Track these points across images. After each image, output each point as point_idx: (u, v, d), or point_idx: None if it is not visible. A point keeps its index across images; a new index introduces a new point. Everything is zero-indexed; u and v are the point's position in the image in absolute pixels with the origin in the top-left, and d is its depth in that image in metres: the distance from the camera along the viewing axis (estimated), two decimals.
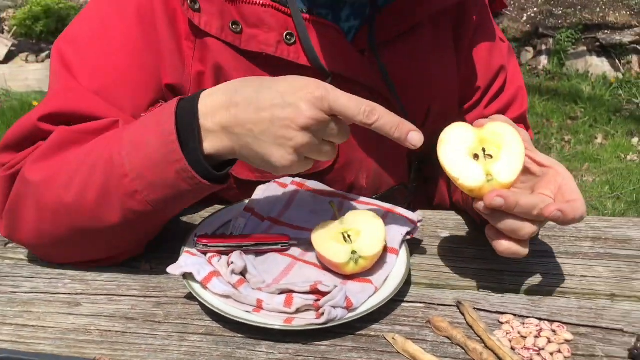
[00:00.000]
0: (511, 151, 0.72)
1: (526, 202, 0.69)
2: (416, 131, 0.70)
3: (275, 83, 0.69)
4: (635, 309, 0.74)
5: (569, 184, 0.73)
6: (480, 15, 0.99)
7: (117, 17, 0.84)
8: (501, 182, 0.70)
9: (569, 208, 0.69)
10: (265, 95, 0.68)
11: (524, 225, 0.70)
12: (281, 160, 0.68)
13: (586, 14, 4.59)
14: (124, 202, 0.72)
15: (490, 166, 0.71)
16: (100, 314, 0.75)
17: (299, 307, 0.69)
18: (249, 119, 0.68)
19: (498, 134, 0.73)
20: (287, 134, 0.67)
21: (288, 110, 0.67)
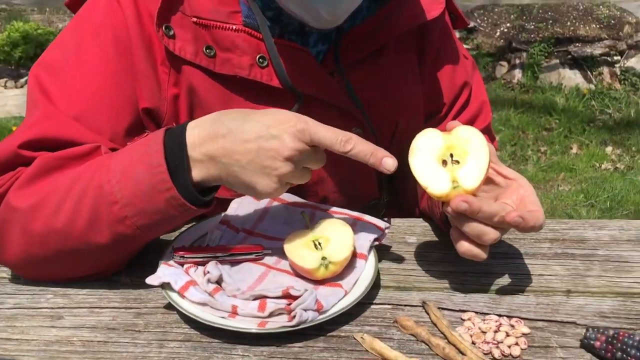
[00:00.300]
0: (476, 157, 0.76)
1: (489, 209, 0.74)
2: (390, 157, 0.77)
3: (260, 116, 0.75)
4: (588, 303, 0.79)
5: (530, 195, 0.78)
6: (442, 35, 1.04)
7: (93, 42, 0.87)
8: (466, 189, 0.75)
9: (529, 216, 0.74)
10: (251, 127, 0.74)
11: (487, 231, 0.75)
12: (266, 187, 0.75)
13: (557, 27, 4.71)
14: (114, 227, 0.77)
15: (456, 172, 0.76)
16: (83, 326, 0.78)
17: (272, 311, 0.73)
18: (235, 149, 0.74)
19: (465, 139, 0.77)
20: (273, 164, 0.73)
21: (273, 142, 0.73)
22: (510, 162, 3.66)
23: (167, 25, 0.84)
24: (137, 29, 0.87)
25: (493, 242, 0.76)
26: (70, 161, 0.81)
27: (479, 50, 4.74)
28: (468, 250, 0.77)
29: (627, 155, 3.67)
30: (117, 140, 0.87)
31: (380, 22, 0.93)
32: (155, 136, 0.76)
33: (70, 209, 0.77)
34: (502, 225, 0.75)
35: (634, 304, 0.78)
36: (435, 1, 0.95)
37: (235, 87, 0.90)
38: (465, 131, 0.78)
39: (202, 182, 0.76)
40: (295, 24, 0.91)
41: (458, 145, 0.77)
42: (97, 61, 0.87)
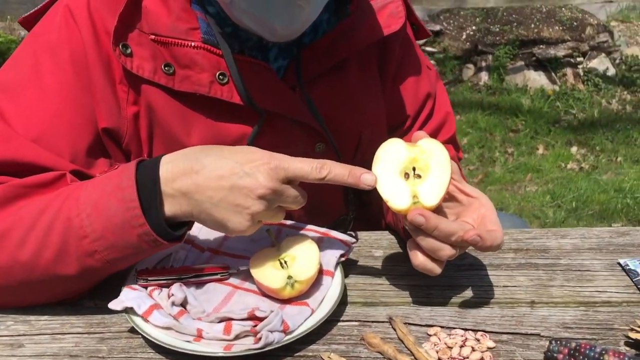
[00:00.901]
0: (438, 173, 0.77)
1: (446, 227, 0.75)
2: (368, 173, 0.77)
3: (233, 154, 0.74)
4: (552, 314, 0.80)
5: (491, 215, 0.79)
6: (404, 48, 1.05)
7: (50, 62, 0.85)
8: (425, 205, 0.76)
9: (487, 235, 0.75)
10: (225, 164, 0.73)
11: (442, 247, 0.75)
12: (238, 225, 0.74)
13: (522, 30, 4.79)
14: (83, 261, 0.75)
15: (417, 187, 0.77)
16: (44, 354, 0.76)
17: (237, 333, 0.73)
18: (208, 186, 0.73)
19: (429, 152, 0.78)
20: (245, 202, 0.73)
21: (247, 181, 0.72)
22: (479, 164, 3.71)
23: (124, 44, 0.83)
24: (94, 47, 0.85)
25: (449, 258, 0.77)
26: (35, 189, 0.78)
27: (445, 53, 4.79)
28: (422, 264, 0.77)
29: (592, 154, 3.74)
30: (78, 161, 0.85)
31: (340, 36, 0.93)
32: (127, 170, 0.74)
33: (37, 241, 0.75)
34: (459, 244, 0.76)
35: (596, 313, 0.80)
36: (395, 15, 0.96)
37: (195, 105, 0.89)
38: (430, 144, 0.79)
39: (174, 217, 0.75)
40: (255, 39, 0.90)
41: (421, 158, 0.78)
42: (54, 81, 0.85)
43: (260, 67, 0.89)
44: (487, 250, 0.76)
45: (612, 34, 4.94)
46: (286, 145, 0.92)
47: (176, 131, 0.89)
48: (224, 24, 0.87)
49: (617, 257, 0.91)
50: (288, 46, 0.93)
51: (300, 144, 0.94)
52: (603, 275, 0.87)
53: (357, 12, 0.93)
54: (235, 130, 0.90)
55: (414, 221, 0.74)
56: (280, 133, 0.92)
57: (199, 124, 0.89)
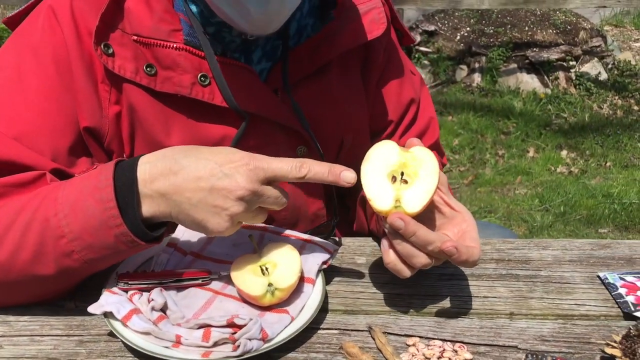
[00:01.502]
0: (425, 182, 0.77)
1: (424, 235, 0.75)
2: (347, 170, 0.77)
3: (212, 154, 0.74)
4: (530, 326, 0.80)
5: (471, 231, 0.80)
6: (388, 53, 1.05)
7: (33, 62, 0.85)
8: (406, 211, 0.76)
9: (464, 249, 0.76)
10: (204, 165, 0.73)
11: (418, 254, 0.76)
12: (217, 226, 0.74)
13: (516, 32, 4.80)
14: (60, 261, 0.75)
15: (402, 192, 0.77)
16: (22, 356, 0.76)
17: (216, 340, 0.73)
18: (187, 187, 0.72)
19: (420, 160, 0.78)
20: (224, 203, 0.72)
21: (225, 182, 0.72)
22: (469, 165, 3.72)
23: (106, 44, 0.83)
24: (76, 47, 0.85)
25: (422, 267, 0.77)
26: (13, 189, 0.78)
27: (439, 53, 4.80)
28: (392, 263, 0.78)
29: (581, 159, 3.77)
30: (60, 160, 0.85)
31: (324, 39, 0.94)
32: (105, 170, 0.74)
33: (14, 241, 0.75)
34: (436, 255, 0.76)
35: (574, 326, 0.80)
36: (378, 21, 0.96)
37: (176, 106, 0.89)
38: (422, 152, 0.79)
39: (151, 218, 0.75)
40: (238, 41, 0.90)
41: (411, 164, 0.78)
42: (37, 80, 0.85)
43: (243, 69, 0.89)
44: (462, 265, 0.77)
45: (606, 38, 4.96)
46: (268, 148, 0.92)
47: (156, 131, 0.89)
48: (207, 23, 0.87)
49: (598, 269, 0.92)
50: (272, 49, 0.93)
51: (282, 147, 0.94)
52: (582, 288, 0.88)
53: (340, 16, 0.94)
54: (216, 132, 0.90)
55: (393, 224, 0.75)
56: (262, 136, 0.92)
57: (180, 125, 0.89)
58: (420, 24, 4.97)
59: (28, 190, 0.78)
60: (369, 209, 1.02)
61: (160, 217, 0.75)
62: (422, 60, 4.80)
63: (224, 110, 0.89)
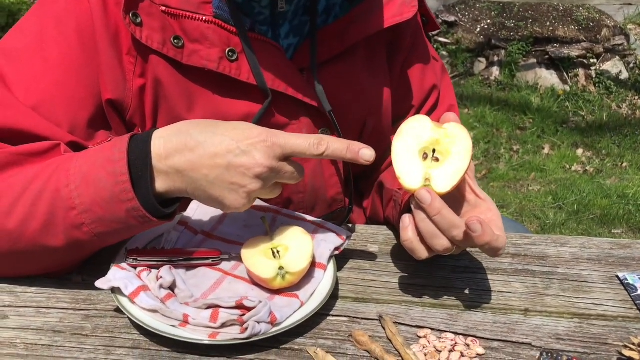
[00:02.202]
0: (456, 161, 0.75)
1: (449, 216, 0.73)
2: (366, 148, 0.75)
3: (229, 130, 0.73)
4: (545, 323, 0.78)
5: (497, 220, 0.77)
6: (414, 37, 1.03)
7: (55, 31, 0.84)
8: (435, 191, 0.74)
9: (489, 230, 0.73)
10: (220, 141, 0.71)
11: (440, 236, 0.74)
12: (234, 203, 0.73)
13: (537, 27, 4.73)
14: (70, 233, 0.74)
15: (432, 170, 0.75)
16: (28, 327, 0.75)
17: (224, 322, 0.71)
18: (204, 164, 0.71)
19: (453, 137, 0.76)
20: (242, 180, 0.71)
21: (243, 159, 0.71)
22: (483, 159, 3.68)
23: (135, 13, 0.81)
24: (102, 18, 0.83)
25: (442, 252, 0.75)
26: (27, 158, 0.77)
27: (458, 45, 4.74)
28: (409, 240, 0.76)
29: (597, 158, 3.71)
30: (77, 132, 0.84)
31: (353, 21, 0.92)
32: (119, 143, 0.73)
33: (25, 210, 0.74)
34: (458, 242, 0.74)
35: (590, 326, 0.78)
36: (409, 4, 0.94)
37: (201, 81, 0.87)
38: (456, 129, 0.76)
39: (165, 194, 0.74)
40: (267, 14, 0.88)
41: (444, 142, 0.76)
42: (58, 51, 0.84)
43: (271, 46, 0.88)
44: (485, 249, 0.74)
45: (629, 37, 4.87)
46: (291, 127, 0.91)
47: (179, 106, 0.87)
48: None
49: (617, 270, 0.90)
50: (300, 25, 0.91)
51: (305, 127, 0.93)
52: (600, 288, 0.86)
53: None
54: (239, 108, 0.88)
55: (419, 197, 0.73)
56: (285, 115, 0.91)
57: (204, 101, 0.87)
58: (440, 14, 4.91)
59: (41, 160, 0.77)
60: (385, 195, 1.00)
61: (175, 193, 0.74)
62: (441, 51, 4.74)
63: (249, 87, 0.87)
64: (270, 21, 0.90)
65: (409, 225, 0.76)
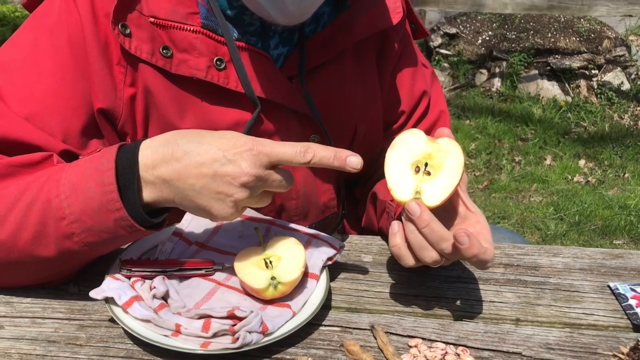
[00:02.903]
0: (447, 176, 0.76)
1: (438, 228, 0.74)
2: (354, 155, 0.76)
3: (215, 139, 0.73)
4: (536, 333, 0.79)
5: (485, 234, 0.78)
6: (403, 44, 1.04)
7: (48, 43, 0.85)
8: (425, 203, 0.75)
9: (477, 242, 0.73)
10: (206, 150, 0.72)
11: (429, 248, 0.74)
12: (221, 212, 0.74)
13: (538, 38, 4.75)
14: (61, 243, 0.75)
15: (423, 183, 0.76)
16: (22, 337, 0.76)
17: (216, 331, 0.72)
18: (190, 173, 0.72)
19: (445, 152, 0.77)
20: (228, 190, 0.72)
21: (229, 168, 0.72)
22: (485, 170, 3.68)
23: (123, 24, 0.83)
24: (92, 29, 0.85)
25: (431, 264, 0.75)
26: (20, 169, 0.78)
27: (460, 56, 4.76)
28: (397, 247, 0.77)
29: (599, 169, 3.71)
30: (70, 141, 0.85)
31: (339, 28, 0.93)
32: (108, 153, 0.74)
33: (16, 220, 0.75)
34: (447, 255, 0.75)
35: (580, 336, 0.78)
36: (394, 10, 0.96)
37: (191, 90, 0.88)
38: (449, 144, 0.78)
39: (153, 204, 0.75)
40: (257, 25, 0.90)
41: (436, 156, 0.77)
42: (51, 61, 0.85)
43: (259, 55, 0.89)
44: (473, 262, 0.75)
45: (630, 48, 4.89)
46: (281, 135, 0.92)
47: (170, 115, 0.88)
48: (229, 6, 0.87)
49: (608, 279, 0.90)
50: (288, 35, 0.93)
51: (295, 135, 0.94)
52: (592, 298, 0.86)
53: (355, 5, 0.94)
54: (230, 116, 0.90)
55: (409, 209, 0.74)
56: (275, 122, 0.92)
57: (194, 109, 0.88)
58: (441, 26, 4.94)
59: (34, 171, 0.78)
60: (379, 206, 1.00)
61: (163, 203, 0.75)
62: (442, 63, 4.76)
63: (238, 96, 0.89)
64: (260, 32, 0.91)
65: (398, 231, 0.77)
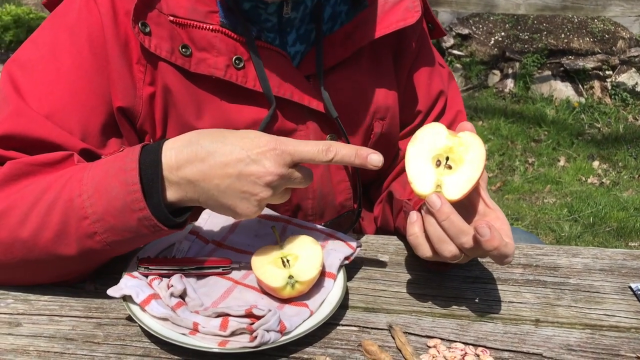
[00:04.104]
0: (469, 170, 0.75)
1: (458, 221, 0.73)
2: (375, 153, 0.76)
3: (238, 139, 0.74)
4: (556, 334, 0.78)
5: (506, 229, 0.77)
6: (420, 43, 1.04)
7: (68, 42, 0.86)
8: (446, 197, 0.74)
9: (498, 235, 0.72)
10: (231, 150, 0.73)
11: (448, 241, 0.74)
12: (246, 210, 0.74)
13: (551, 39, 4.72)
14: (82, 242, 0.75)
15: (444, 177, 0.75)
16: (40, 335, 0.76)
17: (233, 330, 0.72)
18: (215, 174, 0.72)
19: (467, 146, 0.76)
20: (253, 189, 0.73)
21: (253, 168, 0.72)
22: (498, 171, 3.66)
23: (144, 22, 0.83)
24: (112, 28, 0.85)
25: (449, 258, 0.75)
26: (41, 168, 0.79)
27: (472, 57, 4.74)
28: (414, 235, 0.76)
29: (614, 170, 3.68)
30: (90, 139, 0.85)
31: (357, 27, 0.93)
32: (131, 153, 0.74)
33: (38, 220, 0.75)
34: (466, 250, 0.74)
35: (602, 337, 0.77)
36: (412, 9, 0.95)
37: (209, 89, 0.89)
38: (470, 138, 0.77)
39: (177, 203, 0.75)
40: (274, 21, 0.90)
41: (458, 150, 0.76)
42: (71, 60, 0.86)
43: (277, 53, 0.89)
44: (494, 255, 0.73)
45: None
46: (298, 134, 0.92)
47: (188, 113, 0.89)
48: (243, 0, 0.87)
49: (629, 280, 0.89)
50: (306, 33, 0.93)
51: (312, 133, 0.94)
52: (613, 299, 0.85)
53: (374, 4, 0.93)
54: (247, 115, 0.90)
55: (429, 201, 0.73)
56: (292, 120, 0.92)
57: (212, 108, 0.89)
58: (454, 27, 4.92)
59: (55, 170, 0.78)
60: (395, 205, 1.00)
61: (187, 203, 0.75)
62: (455, 64, 4.74)
63: (255, 94, 0.89)
64: (278, 28, 0.91)
65: (416, 221, 0.77)
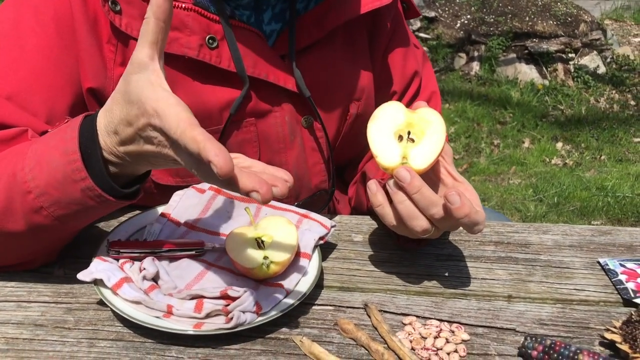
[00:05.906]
0: (432, 140, 0.76)
1: (428, 193, 0.73)
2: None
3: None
4: (528, 309, 0.79)
5: (474, 199, 0.77)
6: (395, 23, 1.03)
7: (33, 20, 0.83)
8: (413, 167, 0.75)
9: (468, 203, 0.72)
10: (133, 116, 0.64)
11: (419, 216, 0.74)
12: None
13: (516, 22, 4.77)
14: (30, 217, 0.71)
15: (409, 150, 0.76)
16: (8, 322, 0.74)
17: (208, 312, 0.71)
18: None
19: (427, 121, 0.77)
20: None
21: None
22: (464, 153, 3.70)
23: (113, 0, 0.81)
24: (80, 6, 0.83)
25: (420, 232, 0.75)
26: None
27: (439, 40, 4.76)
28: (381, 205, 0.76)
29: (576, 151, 3.76)
30: (55, 121, 0.82)
31: (331, 7, 0.92)
32: (73, 122, 0.70)
33: None
34: (437, 222, 0.74)
35: (572, 311, 0.79)
36: None
37: (182, 69, 0.86)
38: (429, 114, 0.78)
39: (119, 173, 0.70)
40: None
41: (418, 124, 0.77)
42: (36, 39, 0.83)
43: (252, 33, 0.87)
44: (465, 223, 0.73)
45: (605, 32, 4.94)
46: (273, 115, 0.91)
47: None
48: None
49: (598, 256, 0.91)
50: (281, 11, 0.91)
51: (287, 114, 0.93)
52: (582, 274, 0.87)
53: None
54: (221, 95, 0.88)
55: (399, 175, 0.73)
56: (267, 101, 0.91)
57: (184, 88, 0.86)
58: (421, 9, 4.93)
59: (7, 147, 0.75)
60: None
61: (127, 169, 0.69)
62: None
63: (230, 74, 0.87)
64: (254, 5, 0.90)
65: (377, 190, 0.77)
